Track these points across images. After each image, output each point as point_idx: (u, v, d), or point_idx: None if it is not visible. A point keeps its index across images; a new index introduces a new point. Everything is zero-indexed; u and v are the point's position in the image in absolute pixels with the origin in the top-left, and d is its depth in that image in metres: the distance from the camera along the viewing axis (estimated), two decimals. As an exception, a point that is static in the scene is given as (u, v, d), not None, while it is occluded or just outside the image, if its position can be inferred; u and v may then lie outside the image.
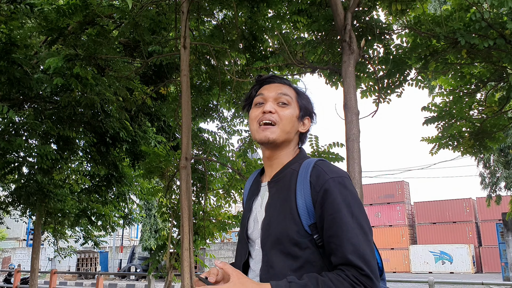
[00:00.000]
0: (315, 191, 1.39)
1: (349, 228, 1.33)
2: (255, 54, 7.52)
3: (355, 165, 4.44)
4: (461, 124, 8.08)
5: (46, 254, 32.02)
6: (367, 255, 1.30)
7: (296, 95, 1.60)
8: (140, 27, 7.30)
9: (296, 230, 1.39)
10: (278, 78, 1.62)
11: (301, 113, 1.58)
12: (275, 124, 1.52)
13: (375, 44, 6.33)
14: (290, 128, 1.54)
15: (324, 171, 1.42)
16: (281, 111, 1.53)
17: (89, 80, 7.27)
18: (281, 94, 1.55)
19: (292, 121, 1.54)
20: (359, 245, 1.31)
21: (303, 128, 1.60)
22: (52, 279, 15.92)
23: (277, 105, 1.54)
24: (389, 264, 32.63)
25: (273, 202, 1.49)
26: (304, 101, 1.60)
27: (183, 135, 6.10)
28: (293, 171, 1.49)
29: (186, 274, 5.75)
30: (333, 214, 1.35)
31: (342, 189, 1.38)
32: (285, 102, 1.55)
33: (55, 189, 10.23)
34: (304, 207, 1.40)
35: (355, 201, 1.38)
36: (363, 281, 1.27)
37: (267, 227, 1.46)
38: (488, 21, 5.66)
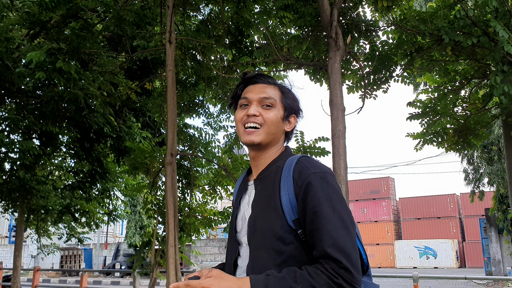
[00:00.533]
0: (297, 186, 1.40)
1: (330, 221, 1.32)
2: (241, 49, 7.48)
3: (341, 161, 4.44)
4: (445, 120, 8.15)
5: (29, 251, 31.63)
6: (347, 248, 1.29)
7: (280, 95, 1.59)
8: (124, 21, 7.20)
9: (280, 225, 1.39)
10: (263, 77, 1.61)
11: (286, 113, 1.58)
12: (260, 127, 1.53)
13: (361, 41, 6.34)
14: (275, 130, 1.55)
15: (306, 166, 1.42)
16: (265, 114, 1.53)
17: (72, 74, 7.14)
18: (265, 97, 1.55)
19: (276, 123, 1.55)
20: (339, 238, 1.30)
21: (288, 127, 1.60)
22: (35, 276, 15.72)
23: (261, 107, 1.55)
24: (375, 259, 32.91)
25: (259, 199, 1.50)
26: (289, 100, 1.59)
27: (169, 130, 6.04)
28: (277, 168, 1.50)
29: (171, 270, 5.71)
30: (314, 208, 1.35)
31: (324, 184, 1.38)
32: (269, 104, 1.55)
33: (38, 186, 10.07)
34: (287, 203, 1.40)
35: (336, 195, 1.38)
36: (342, 274, 1.25)
37: (253, 223, 1.47)
38: (472, 19, 5.70)
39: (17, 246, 11.59)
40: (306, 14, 6.01)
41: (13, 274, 11.46)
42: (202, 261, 26.79)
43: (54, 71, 6.99)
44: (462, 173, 19.42)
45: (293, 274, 1.28)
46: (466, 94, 8.22)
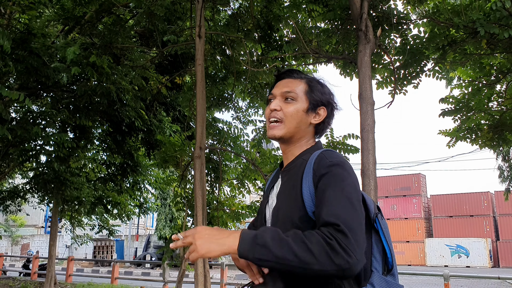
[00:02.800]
0: (315, 176, 1.40)
1: (335, 198, 1.30)
2: (270, 43, 7.47)
3: (370, 156, 4.39)
4: (479, 116, 7.93)
5: (63, 241, 32.59)
6: (348, 217, 1.25)
7: (306, 87, 1.59)
8: (155, 16, 7.30)
9: (300, 215, 1.39)
10: (290, 72, 1.63)
11: (310, 106, 1.57)
12: (281, 121, 1.55)
13: (392, 34, 6.22)
14: (297, 123, 1.56)
15: (325, 157, 1.43)
16: (285, 108, 1.55)
17: (105, 69, 7.31)
18: (286, 91, 1.57)
19: (297, 116, 1.55)
20: (339, 209, 1.27)
21: (316, 119, 1.59)
22: (69, 265, 16.21)
23: (284, 102, 1.57)
24: (404, 257, 32.43)
25: (283, 190, 1.52)
26: (315, 93, 1.59)
27: (198, 125, 6.10)
28: (303, 161, 1.51)
29: (199, 263, 5.78)
30: (323, 189, 1.34)
31: (339, 170, 1.37)
32: (290, 97, 1.56)
33: (71, 177, 10.36)
34: (308, 194, 1.40)
35: (349, 181, 1.36)
36: (337, 236, 1.21)
37: (276, 213, 1.49)
38: (509, 10, 5.51)
39: (52, 236, 11.97)
40: (335, 7, 5.95)
41: (48, 263, 11.84)
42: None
43: (88, 66, 7.16)
44: (497, 170, 18.88)
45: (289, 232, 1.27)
46: (502, 89, 7.96)
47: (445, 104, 7.82)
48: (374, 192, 4.24)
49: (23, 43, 6.87)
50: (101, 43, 7.41)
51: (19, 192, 11.77)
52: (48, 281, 11.65)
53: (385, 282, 1.41)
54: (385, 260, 1.45)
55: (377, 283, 1.39)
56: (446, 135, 8.38)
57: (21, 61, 6.89)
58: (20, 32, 6.89)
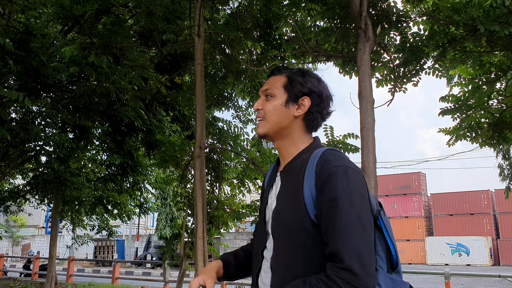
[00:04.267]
0: (319, 180, 1.37)
1: (346, 217, 1.28)
2: (270, 42, 7.46)
3: (370, 155, 4.38)
4: (479, 114, 7.92)
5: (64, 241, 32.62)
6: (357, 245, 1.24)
7: (285, 81, 1.56)
8: (154, 16, 7.28)
9: (303, 219, 1.37)
10: (274, 71, 1.63)
11: (289, 98, 1.54)
12: (263, 119, 1.56)
13: (392, 32, 6.21)
14: (277, 118, 1.53)
15: (329, 159, 1.38)
16: (265, 106, 1.56)
17: (104, 69, 7.30)
18: (265, 89, 1.58)
19: (276, 111, 1.54)
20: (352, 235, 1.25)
21: (299, 110, 1.54)
22: (69, 266, 16.21)
23: (265, 100, 1.58)
24: (405, 255, 32.42)
25: (284, 191, 1.49)
26: (294, 84, 1.55)
27: (197, 124, 6.09)
28: (303, 161, 1.47)
29: (199, 262, 5.78)
30: (331, 202, 1.31)
31: (344, 178, 1.33)
32: (269, 94, 1.57)
33: (71, 178, 10.37)
34: (309, 197, 1.38)
35: (357, 191, 1.33)
36: (344, 277, 1.21)
37: (277, 216, 1.46)
38: (509, 8, 5.50)
39: (53, 236, 11.99)
40: (335, 5, 5.94)
41: (48, 263, 11.86)
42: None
43: (87, 66, 7.15)
44: (497, 168, 18.84)
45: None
46: (502, 87, 7.95)
47: (445, 103, 7.81)
48: (374, 191, 4.23)
49: (22, 43, 6.86)
50: (100, 42, 7.40)
51: (20, 192, 11.77)
52: (49, 281, 11.65)
53: (391, 280, 1.40)
54: (389, 258, 1.43)
55: (383, 281, 1.37)
56: (446, 134, 8.37)
57: (20, 61, 6.88)
58: (20, 32, 6.87)
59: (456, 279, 17.57)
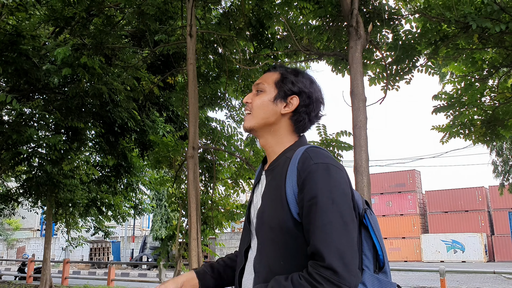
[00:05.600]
0: (300, 178, 1.34)
1: (327, 215, 1.25)
2: (262, 41, 7.44)
3: (362, 153, 4.37)
4: (472, 111, 7.94)
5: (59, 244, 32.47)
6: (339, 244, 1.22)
7: (277, 77, 1.55)
8: (145, 16, 7.25)
9: (286, 218, 1.34)
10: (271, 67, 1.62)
11: (278, 95, 1.52)
12: (250, 113, 1.55)
13: (384, 30, 6.21)
14: (264, 113, 1.52)
15: (310, 157, 1.36)
16: (254, 100, 1.55)
17: (96, 69, 7.25)
18: (257, 84, 1.57)
19: (263, 106, 1.52)
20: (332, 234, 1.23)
21: (286, 109, 1.51)
22: (64, 268, 16.12)
23: (256, 94, 1.56)
24: (400, 253, 32.52)
25: (268, 190, 1.46)
26: (285, 82, 1.53)
27: (190, 124, 6.07)
28: (286, 159, 1.45)
29: (194, 263, 5.76)
30: (311, 199, 1.28)
31: (325, 175, 1.30)
32: (260, 89, 1.55)
33: (64, 180, 10.30)
34: (292, 195, 1.35)
35: (338, 188, 1.30)
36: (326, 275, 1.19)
37: (261, 215, 1.43)
38: (500, 5, 5.51)
39: (47, 239, 11.91)
40: (326, 3, 5.92)
41: (43, 266, 11.78)
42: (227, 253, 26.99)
43: (79, 67, 7.11)
44: (491, 165, 18.95)
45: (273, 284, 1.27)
46: (494, 84, 7.97)
47: (438, 101, 7.81)
48: (367, 189, 4.22)
49: (12, 45, 6.81)
50: (92, 43, 7.35)
51: (12, 195, 11.69)
52: (43, 284, 11.58)
53: (377, 280, 1.36)
54: (376, 257, 1.40)
55: (369, 282, 1.34)
56: (439, 131, 8.38)
57: (10, 63, 6.83)
58: (9, 34, 6.82)
59: (451, 276, 17.63)
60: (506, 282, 15.28)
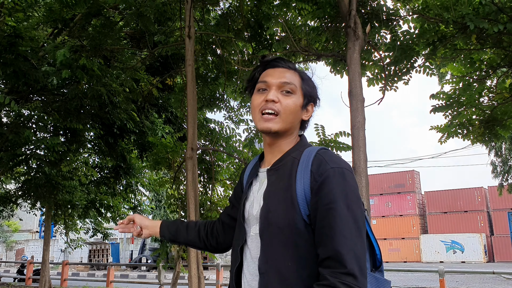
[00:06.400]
0: (314, 181, 1.34)
1: (344, 221, 1.27)
2: (261, 42, 7.44)
3: (360, 153, 4.38)
4: (470, 111, 7.95)
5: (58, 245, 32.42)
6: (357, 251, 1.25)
7: (301, 81, 1.52)
8: (144, 17, 7.25)
9: (296, 219, 1.35)
10: (283, 61, 1.54)
11: (305, 101, 1.51)
12: (277, 114, 1.45)
13: (382, 31, 6.22)
14: (293, 118, 1.48)
15: (325, 160, 1.36)
16: (284, 101, 1.46)
17: (95, 71, 7.25)
18: (285, 82, 1.47)
19: (295, 111, 1.48)
20: (351, 239, 1.26)
21: (306, 115, 1.53)
22: (63, 270, 16.11)
23: (281, 93, 1.47)
24: (400, 253, 32.55)
25: (273, 190, 1.44)
26: (308, 88, 1.53)
27: (189, 125, 6.06)
28: (294, 159, 1.44)
29: (193, 264, 5.74)
30: (329, 204, 1.30)
31: (342, 180, 1.32)
32: (289, 90, 1.47)
33: (63, 181, 10.30)
34: (303, 197, 1.35)
35: (353, 194, 1.32)
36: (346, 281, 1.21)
37: (266, 215, 1.41)
38: (498, 5, 5.52)
39: (45, 240, 11.90)
40: (325, 4, 5.93)
41: (42, 268, 11.77)
42: (227, 255, 26.95)
43: (78, 68, 7.10)
44: (490, 165, 18.97)
45: None
46: (493, 84, 7.98)
47: (436, 101, 7.83)
48: (365, 190, 4.22)
49: (10, 46, 6.80)
50: (90, 45, 7.35)
51: (11, 197, 11.68)
52: (42, 286, 11.57)
53: (375, 279, 1.39)
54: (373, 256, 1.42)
55: (368, 280, 1.35)
56: (438, 131, 8.39)
57: (8, 65, 6.82)
58: (7, 35, 6.81)
59: (451, 276, 17.64)
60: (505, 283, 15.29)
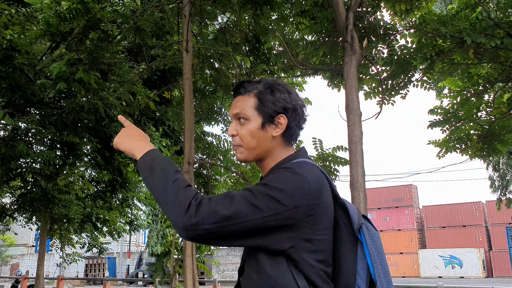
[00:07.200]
0: None
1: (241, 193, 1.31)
2: (258, 56, 7.47)
3: (358, 168, 4.34)
4: (469, 126, 7.94)
5: (54, 260, 32.10)
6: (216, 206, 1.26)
7: (256, 102, 1.47)
8: (142, 31, 7.26)
9: None
10: (242, 87, 1.52)
11: (265, 120, 1.45)
12: (240, 145, 1.49)
13: (379, 45, 6.23)
14: (256, 143, 1.46)
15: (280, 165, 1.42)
16: (240, 131, 1.48)
17: (92, 85, 7.23)
18: (236, 113, 1.49)
19: (253, 136, 1.46)
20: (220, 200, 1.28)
21: (277, 130, 1.46)
22: (59, 285, 15.90)
23: (239, 123, 1.49)
24: (398, 269, 32.29)
25: None
26: (266, 105, 1.46)
27: (186, 139, 6.02)
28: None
29: (189, 280, 5.66)
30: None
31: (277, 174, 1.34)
32: (243, 118, 1.48)
33: (59, 195, 10.21)
34: None
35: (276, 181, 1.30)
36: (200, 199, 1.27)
37: None
38: (494, 20, 5.55)
39: (40, 255, 11.76)
40: (322, 19, 5.96)
41: (36, 283, 11.61)
42: (224, 270, 26.72)
43: (75, 82, 7.08)
44: (488, 180, 18.94)
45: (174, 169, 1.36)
46: (490, 99, 7.99)
47: (434, 115, 7.82)
48: (363, 204, 4.18)
49: (6, 60, 6.78)
50: (88, 59, 7.35)
51: (6, 211, 11.57)
52: (36, 301, 11.40)
53: None
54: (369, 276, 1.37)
55: None
56: (436, 146, 8.37)
57: (4, 78, 6.80)
58: (4, 49, 6.80)
59: (450, 292, 17.47)
60: (505, 298, 15.16)
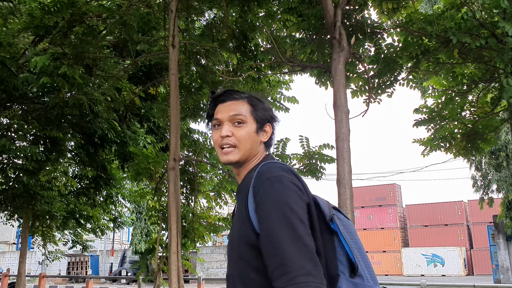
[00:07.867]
0: (255, 195, 1.38)
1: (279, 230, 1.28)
2: (245, 53, 7.43)
3: (345, 165, 4.35)
4: (453, 125, 8.03)
5: (36, 257, 31.67)
6: (301, 255, 1.25)
7: (250, 108, 1.57)
8: (128, 26, 7.17)
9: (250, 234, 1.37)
10: (229, 94, 1.60)
11: (258, 125, 1.56)
12: (235, 146, 1.53)
13: (366, 43, 6.26)
14: (251, 145, 1.54)
15: (262, 172, 1.40)
16: (237, 132, 1.53)
17: (76, 79, 7.12)
18: (235, 115, 1.54)
19: (250, 139, 1.54)
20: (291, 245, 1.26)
21: (264, 137, 1.59)
22: (40, 283, 15.67)
23: (233, 126, 1.54)
24: (381, 267, 32.59)
25: (237, 214, 1.50)
26: (259, 112, 1.58)
27: (172, 135, 5.98)
28: (249, 179, 1.47)
29: (173, 278, 5.62)
30: (263, 217, 1.33)
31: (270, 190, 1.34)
32: (240, 121, 1.54)
33: (42, 191, 10.05)
34: (253, 211, 1.38)
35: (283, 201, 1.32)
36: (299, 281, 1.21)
37: (232, 237, 1.48)
38: (480, 20, 5.61)
39: (22, 252, 11.56)
40: (310, 16, 5.96)
41: (17, 281, 11.41)
42: (208, 268, 26.65)
43: (59, 76, 6.97)
44: (470, 179, 19.19)
45: None
46: (474, 98, 8.09)
47: (419, 115, 7.89)
48: (350, 201, 4.19)
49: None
50: (72, 53, 7.23)
51: (-13, 207, 11.34)
52: (17, 299, 11.21)
53: (353, 284, 1.39)
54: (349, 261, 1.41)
55: (346, 286, 1.37)
56: (420, 144, 8.45)
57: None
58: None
59: (432, 290, 17.68)
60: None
